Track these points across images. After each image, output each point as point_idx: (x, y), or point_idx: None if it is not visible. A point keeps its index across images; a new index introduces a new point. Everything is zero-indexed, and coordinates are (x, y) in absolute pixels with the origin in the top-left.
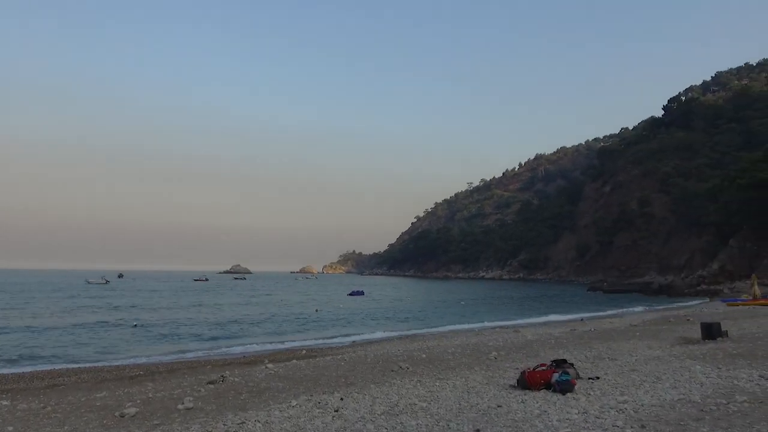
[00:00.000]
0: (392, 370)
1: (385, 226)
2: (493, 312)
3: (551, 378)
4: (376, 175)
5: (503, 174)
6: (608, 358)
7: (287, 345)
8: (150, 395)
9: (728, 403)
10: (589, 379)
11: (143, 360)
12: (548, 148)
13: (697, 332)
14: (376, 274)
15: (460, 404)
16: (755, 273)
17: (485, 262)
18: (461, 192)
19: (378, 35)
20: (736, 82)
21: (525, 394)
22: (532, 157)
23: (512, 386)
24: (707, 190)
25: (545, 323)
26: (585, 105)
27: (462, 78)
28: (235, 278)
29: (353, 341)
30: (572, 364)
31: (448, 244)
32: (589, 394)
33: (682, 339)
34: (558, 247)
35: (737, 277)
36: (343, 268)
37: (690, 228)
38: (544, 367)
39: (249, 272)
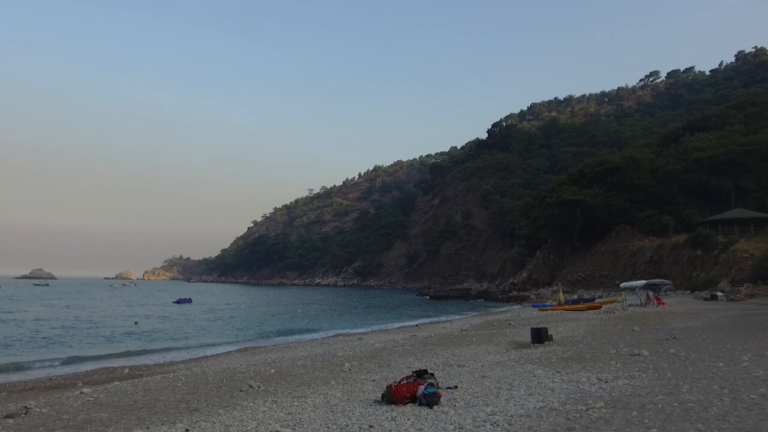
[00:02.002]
0: (241, 390)
1: (218, 231)
2: (332, 319)
3: (417, 391)
4: (210, 176)
5: (343, 183)
6: (456, 364)
7: (104, 363)
8: None
9: (588, 410)
10: (448, 388)
11: None
12: (386, 161)
13: (524, 336)
14: (206, 281)
15: (328, 427)
16: (559, 281)
17: (322, 268)
18: (302, 198)
19: (224, 28)
20: (547, 113)
21: (393, 410)
22: (371, 168)
23: (377, 401)
24: (520, 207)
25: (385, 330)
26: (421, 123)
27: (309, 85)
28: (36, 284)
29: (187, 357)
30: (433, 374)
31: (285, 251)
32: (455, 405)
33: (514, 343)
34: (390, 255)
35: (541, 284)
36: (167, 274)
37: (504, 239)
38: (409, 380)
39: (53, 277)
